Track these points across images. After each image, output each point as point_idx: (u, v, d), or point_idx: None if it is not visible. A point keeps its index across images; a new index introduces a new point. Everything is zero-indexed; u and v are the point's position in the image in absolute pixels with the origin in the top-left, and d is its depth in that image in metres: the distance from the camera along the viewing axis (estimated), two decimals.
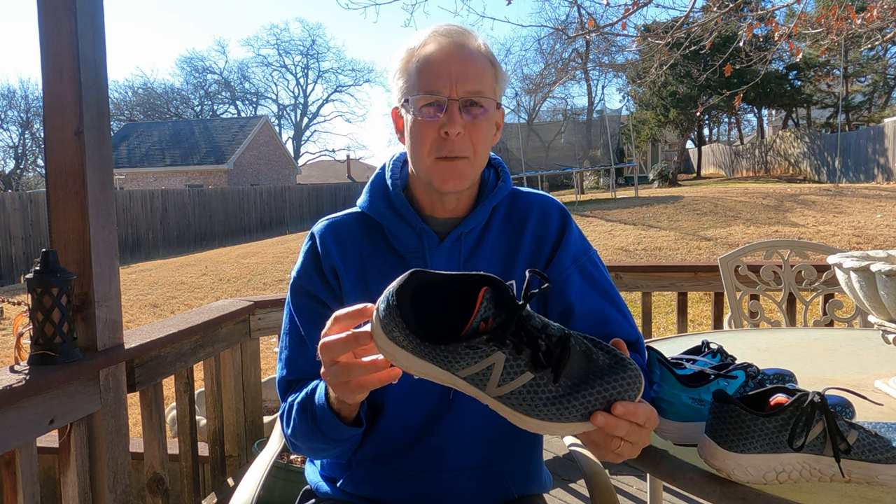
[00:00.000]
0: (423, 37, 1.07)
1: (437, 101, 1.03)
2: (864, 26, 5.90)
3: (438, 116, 1.03)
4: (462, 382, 0.71)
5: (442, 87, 1.02)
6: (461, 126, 1.03)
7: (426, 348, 0.69)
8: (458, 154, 1.04)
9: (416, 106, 1.04)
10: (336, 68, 63.57)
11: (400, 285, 0.70)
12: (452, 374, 0.70)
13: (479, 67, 1.05)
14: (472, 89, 1.03)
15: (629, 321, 1.10)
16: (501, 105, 1.11)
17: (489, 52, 1.09)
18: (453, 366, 0.70)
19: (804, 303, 2.61)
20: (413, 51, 1.07)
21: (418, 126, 1.05)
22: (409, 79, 1.06)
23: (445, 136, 1.03)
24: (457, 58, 1.04)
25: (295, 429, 1.04)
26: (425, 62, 1.04)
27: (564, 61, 27.26)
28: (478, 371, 0.69)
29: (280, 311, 2.43)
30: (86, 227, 1.52)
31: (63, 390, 1.43)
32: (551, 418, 0.70)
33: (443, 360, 0.70)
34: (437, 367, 0.71)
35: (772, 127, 32.72)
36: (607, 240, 9.63)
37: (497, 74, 1.09)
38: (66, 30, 1.48)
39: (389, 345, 0.71)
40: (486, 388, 0.70)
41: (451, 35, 1.06)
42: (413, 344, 0.70)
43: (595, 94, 29.52)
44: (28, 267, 10.41)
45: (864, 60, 23.64)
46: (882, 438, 0.85)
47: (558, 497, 2.47)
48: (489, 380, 0.70)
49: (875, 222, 9.66)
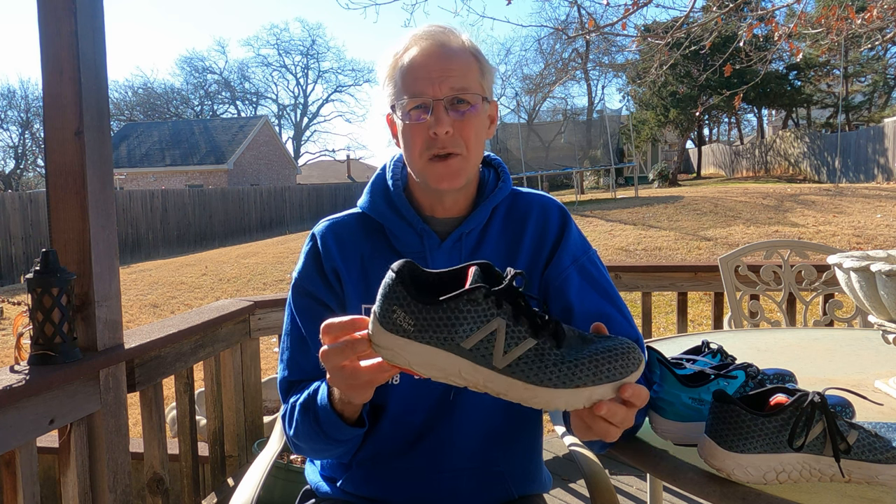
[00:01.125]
0: (405, 41, 1.08)
1: (423, 102, 1.04)
2: (864, 26, 5.90)
3: (425, 118, 1.04)
4: (467, 364, 0.70)
5: (425, 89, 1.03)
6: (449, 125, 1.03)
7: (429, 316, 0.70)
8: (451, 151, 1.05)
9: (403, 110, 1.06)
10: (336, 68, 63.78)
11: (399, 264, 0.72)
12: (457, 351, 0.70)
13: (460, 64, 1.05)
14: (456, 86, 1.04)
15: (629, 321, 1.10)
16: (492, 99, 1.11)
17: (473, 47, 1.09)
18: (457, 333, 0.70)
19: (804, 303, 2.61)
20: (397, 56, 1.08)
21: (408, 130, 1.06)
22: (396, 84, 1.07)
23: (434, 136, 1.03)
24: (437, 57, 1.04)
25: (297, 430, 1.04)
26: (408, 66, 1.05)
27: (564, 61, 27.27)
28: (482, 339, 0.70)
29: (280, 311, 2.43)
30: (86, 227, 1.52)
31: (63, 390, 1.43)
32: (564, 383, 0.70)
33: (446, 332, 0.70)
34: (441, 350, 0.70)
35: (772, 127, 32.72)
36: (607, 240, 9.63)
37: (482, 68, 1.09)
38: (66, 30, 1.48)
39: (390, 338, 0.71)
40: (494, 359, 0.70)
41: (432, 36, 1.06)
42: (415, 319, 0.70)
43: (595, 94, 29.53)
44: (28, 267, 10.40)
45: (864, 60, 23.64)
46: (882, 438, 0.85)
47: (558, 497, 2.47)
48: (494, 348, 0.70)
49: (875, 222, 9.66)
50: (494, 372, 0.71)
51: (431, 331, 0.70)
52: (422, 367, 0.72)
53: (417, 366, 0.71)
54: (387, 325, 0.71)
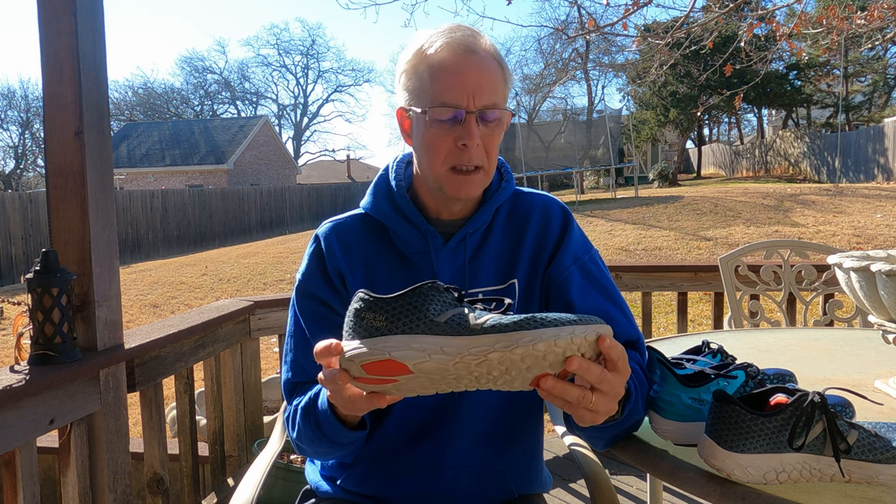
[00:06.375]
0: (434, 40, 1.04)
1: (456, 114, 1.02)
2: (865, 26, 5.90)
3: (455, 127, 1.02)
4: (445, 338, 0.72)
5: (459, 100, 1.01)
6: (479, 137, 1.03)
7: (398, 306, 0.74)
8: (475, 164, 1.04)
9: (431, 116, 1.03)
10: (336, 68, 63.64)
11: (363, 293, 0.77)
12: (432, 329, 0.72)
13: (492, 76, 1.04)
14: (489, 102, 1.03)
15: (630, 321, 1.10)
16: (510, 109, 1.11)
17: (496, 52, 1.08)
18: (429, 312, 0.73)
19: (804, 303, 2.60)
20: (423, 54, 1.04)
21: (433, 136, 1.04)
22: (422, 84, 1.04)
23: (463, 147, 1.02)
24: (472, 68, 1.02)
25: (300, 433, 1.05)
26: (440, 71, 1.02)
27: (564, 61, 27.29)
28: (453, 314, 0.74)
29: (280, 311, 2.43)
30: (86, 227, 1.52)
31: (63, 390, 1.43)
32: (544, 324, 0.71)
33: (418, 314, 0.73)
34: (417, 333, 0.72)
35: (772, 127, 32.71)
36: (607, 240, 9.63)
37: (505, 77, 1.08)
38: (66, 30, 1.48)
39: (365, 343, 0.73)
40: (469, 324, 0.73)
41: (465, 41, 1.04)
42: (386, 314, 0.73)
43: (595, 94, 29.57)
44: (28, 267, 10.40)
45: (864, 60, 23.64)
46: (882, 438, 0.85)
47: (558, 497, 2.47)
48: (467, 319, 0.73)
49: (875, 222, 9.66)
50: (474, 335, 0.72)
51: (404, 317, 0.73)
52: (404, 356, 0.71)
53: (399, 356, 0.71)
54: (359, 334, 0.74)
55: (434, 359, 0.71)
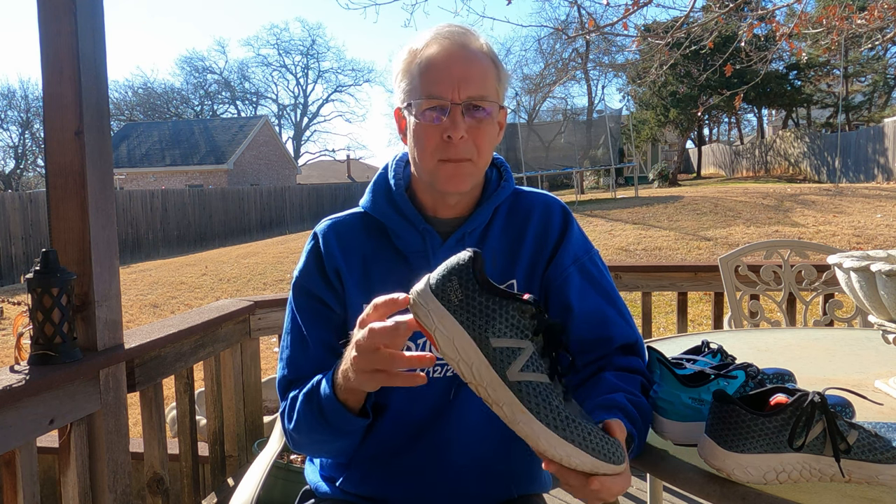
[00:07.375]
0: (426, 38, 1.06)
1: (440, 104, 1.03)
2: (865, 26, 5.90)
3: (441, 120, 1.03)
4: (484, 360, 0.73)
5: (444, 91, 1.02)
6: (464, 130, 1.03)
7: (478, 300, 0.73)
8: (462, 157, 1.04)
9: (418, 109, 1.04)
10: (336, 68, 63.66)
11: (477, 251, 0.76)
12: (482, 344, 0.73)
13: (481, 69, 1.05)
14: (475, 94, 1.03)
15: (629, 323, 1.10)
16: (504, 106, 1.11)
17: (491, 51, 1.09)
18: (491, 328, 0.73)
19: (804, 303, 2.60)
20: (415, 52, 1.06)
21: (421, 129, 1.05)
22: (412, 81, 1.06)
23: (448, 139, 1.03)
24: (459, 60, 1.04)
25: (298, 422, 1.04)
26: (427, 65, 1.04)
27: (564, 61, 27.28)
28: (508, 346, 0.73)
29: (280, 310, 2.43)
30: (86, 227, 1.52)
31: (63, 390, 1.43)
32: (556, 427, 0.72)
33: (482, 321, 0.73)
34: (469, 336, 0.73)
35: (772, 127, 32.72)
36: (607, 240, 9.63)
37: (499, 75, 1.09)
38: (66, 30, 1.48)
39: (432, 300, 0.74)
40: (509, 369, 0.73)
41: (454, 36, 1.05)
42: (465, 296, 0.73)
43: (595, 94, 29.57)
44: (28, 267, 10.39)
45: (864, 60, 23.64)
46: (882, 438, 0.85)
47: (558, 497, 2.46)
48: (514, 361, 0.73)
49: (875, 222, 9.66)
50: (503, 381, 0.73)
51: (471, 313, 0.74)
52: (442, 340, 0.74)
53: (440, 336, 0.74)
54: (436, 290, 0.75)
55: (460, 367, 0.75)
